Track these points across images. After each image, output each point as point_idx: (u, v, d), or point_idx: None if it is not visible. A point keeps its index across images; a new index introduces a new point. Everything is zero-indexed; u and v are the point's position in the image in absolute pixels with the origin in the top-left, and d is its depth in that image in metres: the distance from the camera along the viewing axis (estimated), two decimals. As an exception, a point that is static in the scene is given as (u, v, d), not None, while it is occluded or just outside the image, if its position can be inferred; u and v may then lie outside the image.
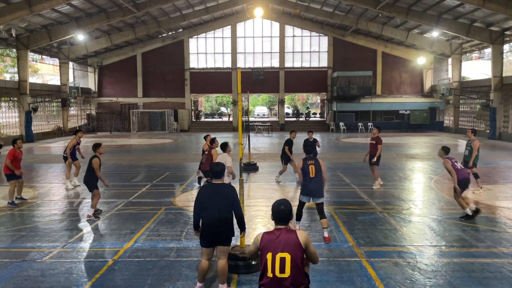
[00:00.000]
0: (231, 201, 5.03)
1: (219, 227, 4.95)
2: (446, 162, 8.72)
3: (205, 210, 4.98)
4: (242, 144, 6.87)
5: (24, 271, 5.97)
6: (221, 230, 4.98)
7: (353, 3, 27.73)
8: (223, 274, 5.15)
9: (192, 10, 32.18)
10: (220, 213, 4.94)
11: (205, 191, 5.13)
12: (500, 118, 26.81)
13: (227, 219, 4.99)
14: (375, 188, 11.41)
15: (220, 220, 4.94)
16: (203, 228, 5.02)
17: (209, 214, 4.95)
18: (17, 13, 22.22)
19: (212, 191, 5.09)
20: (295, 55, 37.25)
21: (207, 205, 4.98)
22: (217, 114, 54.81)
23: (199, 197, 5.09)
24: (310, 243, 3.65)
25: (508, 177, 13.24)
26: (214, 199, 4.99)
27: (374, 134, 11.71)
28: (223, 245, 5.07)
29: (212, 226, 4.95)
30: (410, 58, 36.36)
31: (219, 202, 4.97)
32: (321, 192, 7.22)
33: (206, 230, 4.99)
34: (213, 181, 5.22)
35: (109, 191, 11.28)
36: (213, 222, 4.94)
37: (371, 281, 5.57)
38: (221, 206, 4.96)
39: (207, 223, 4.97)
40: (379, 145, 11.47)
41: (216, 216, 4.93)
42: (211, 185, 5.23)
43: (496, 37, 26.23)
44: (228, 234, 5.04)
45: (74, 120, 34.85)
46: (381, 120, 35.64)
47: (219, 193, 5.03)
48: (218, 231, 4.97)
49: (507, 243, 7.04)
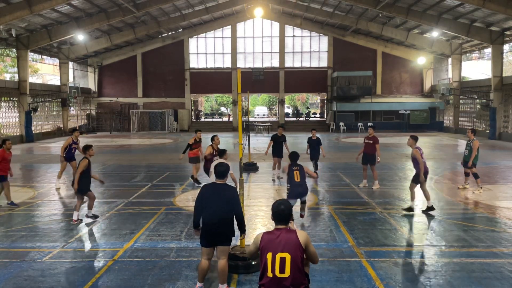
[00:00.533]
0: (232, 202, 5.01)
1: (219, 227, 4.94)
2: (416, 151, 8.97)
3: (206, 209, 4.98)
4: (242, 144, 6.87)
5: (24, 271, 5.97)
6: (221, 230, 4.97)
7: (353, 3, 27.72)
8: (223, 274, 5.14)
9: (192, 10, 32.18)
10: (220, 213, 4.93)
11: (206, 190, 5.12)
12: (500, 118, 26.81)
13: (227, 219, 4.98)
14: (375, 188, 11.42)
15: (220, 220, 4.93)
16: (203, 228, 5.02)
17: (209, 214, 4.95)
18: (17, 13, 22.22)
19: (213, 190, 5.07)
20: (295, 55, 37.24)
21: (208, 204, 4.98)
22: (217, 114, 54.80)
23: (200, 196, 5.09)
24: (310, 243, 3.66)
25: (508, 177, 13.24)
26: (214, 198, 4.99)
27: (370, 134, 11.79)
28: (223, 245, 5.05)
29: (212, 226, 4.94)
30: (410, 58, 36.36)
31: (219, 202, 4.96)
32: (306, 192, 8.02)
33: (206, 230, 4.99)
34: (216, 181, 5.21)
35: (109, 191, 11.29)
36: (213, 222, 4.93)
37: (371, 281, 5.57)
38: (221, 206, 4.95)
39: (207, 223, 4.97)
40: (377, 144, 11.52)
41: (216, 216, 4.92)
42: (213, 184, 5.21)
43: (496, 37, 26.23)
44: (228, 234, 5.03)
45: (74, 120, 34.86)
46: (381, 120, 35.66)
47: (220, 193, 5.02)
48: (218, 231, 4.97)
49: (507, 243, 7.04)
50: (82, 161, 8.29)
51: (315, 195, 10.73)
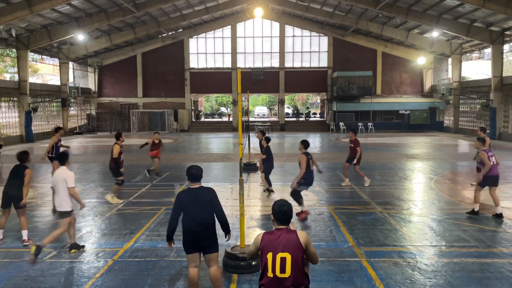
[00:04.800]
0: (211, 204, 4.81)
1: (201, 232, 4.74)
2: (483, 154, 8.69)
3: (185, 216, 4.77)
4: (242, 144, 6.87)
5: (24, 271, 5.97)
6: (204, 236, 4.76)
7: (353, 3, 27.72)
8: (216, 282, 4.93)
9: (192, 10, 32.17)
10: (201, 218, 4.72)
11: (183, 197, 4.87)
12: (500, 118, 26.81)
13: (209, 223, 4.78)
14: (366, 185, 11.64)
15: (201, 225, 4.71)
16: (184, 235, 4.81)
17: (189, 221, 4.73)
18: (17, 13, 22.22)
19: (190, 196, 4.83)
20: (295, 55, 37.24)
21: (187, 211, 4.76)
22: (217, 114, 54.81)
23: (177, 204, 4.84)
24: (311, 243, 3.66)
25: (508, 177, 13.23)
26: (193, 204, 4.76)
27: (352, 137, 11.82)
28: (211, 253, 4.85)
29: (194, 233, 4.74)
30: (410, 58, 36.36)
31: (198, 207, 4.74)
32: None
33: (189, 237, 4.78)
34: (191, 186, 4.94)
35: (109, 191, 11.28)
36: (194, 229, 4.72)
37: (371, 281, 5.57)
38: (201, 210, 4.74)
39: (187, 230, 4.76)
40: (357, 148, 11.57)
41: (197, 222, 4.70)
42: (189, 190, 4.92)
43: (496, 37, 26.22)
44: (212, 240, 4.83)
45: (74, 120, 34.85)
46: (381, 120, 35.67)
47: (198, 197, 4.80)
48: (201, 237, 4.76)
49: (507, 243, 7.05)
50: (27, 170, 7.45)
51: (315, 195, 10.73)
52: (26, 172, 7.02)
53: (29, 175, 7.03)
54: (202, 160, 17.39)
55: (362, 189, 11.44)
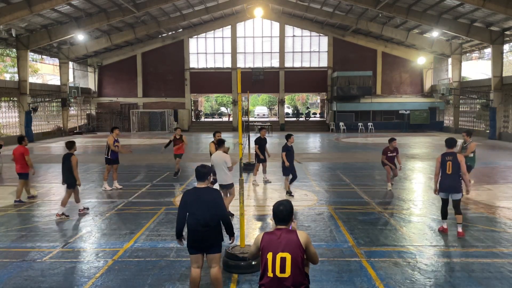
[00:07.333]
0: (214, 206, 4.78)
1: (205, 233, 4.74)
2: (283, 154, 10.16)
3: (190, 216, 4.78)
4: (242, 144, 6.87)
5: (24, 271, 5.97)
6: (207, 236, 4.76)
7: (353, 3, 27.73)
8: (217, 283, 4.92)
9: (192, 10, 32.18)
10: (204, 219, 4.71)
11: (188, 196, 4.86)
12: (500, 118, 26.81)
13: (213, 224, 4.76)
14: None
15: (204, 226, 4.72)
16: (189, 235, 4.82)
17: (193, 220, 4.74)
18: (17, 13, 22.22)
19: (194, 195, 4.83)
20: (295, 55, 37.25)
21: (191, 211, 4.77)
22: (217, 114, 54.81)
23: (182, 203, 4.85)
24: (311, 243, 3.66)
25: (508, 177, 13.23)
26: (197, 204, 4.77)
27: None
28: (213, 253, 4.86)
29: (197, 233, 4.74)
30: (410, 58, 36.36)
31: (202, 207, 4.74)
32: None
33: (192, 237, 4.78)
34: (197, 185, 4.96)
35: (110, 191, 11.28)
36: (198, 229, 4.73)
37: (371, 281, 5.57)
38: (205, 211, 4.73)
39: (192, 229, 4.77)
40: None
41: (201, 222, 4.71)
42: (195, 189, 4.92)
43: (496, 37, 26.23)
44: (215, 241, 4.83)
45: (74, 120, 34.86)
46: (381, 120, 35.68)
47: (203, 197, 4.80)
48: (204, 238, 4.75)
49: (507, 243, 7.04)
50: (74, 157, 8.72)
51: (315, 195, 10.73)
52: (72, 158, 8.60)
53: (75, 161, 8.62)
54: (202, 160, 17.37)
55: (362, 189, 11.44)
